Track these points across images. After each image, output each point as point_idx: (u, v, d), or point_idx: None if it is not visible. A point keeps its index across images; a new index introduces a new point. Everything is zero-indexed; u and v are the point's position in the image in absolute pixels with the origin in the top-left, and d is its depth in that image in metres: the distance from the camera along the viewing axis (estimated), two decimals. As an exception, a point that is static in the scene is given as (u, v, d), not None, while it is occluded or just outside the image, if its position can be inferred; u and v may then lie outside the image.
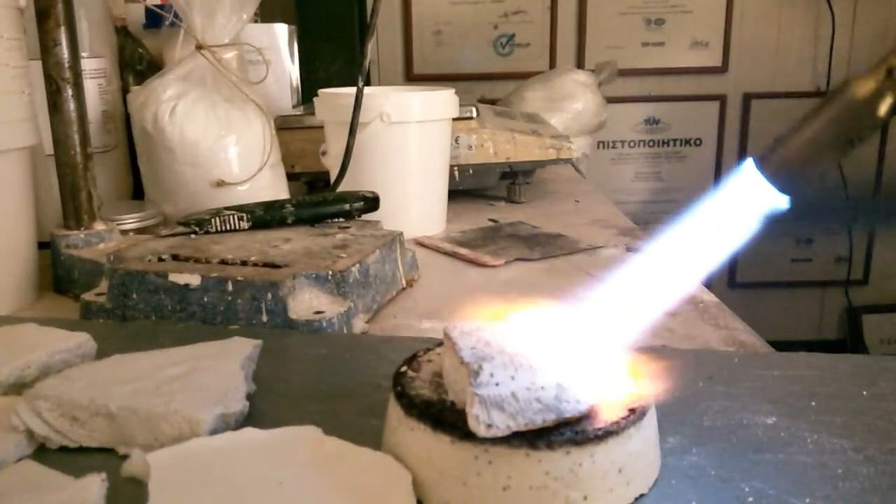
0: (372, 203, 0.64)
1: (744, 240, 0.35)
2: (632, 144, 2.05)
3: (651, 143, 2.05)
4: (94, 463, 0.31)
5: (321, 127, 0.81)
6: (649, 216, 2.04)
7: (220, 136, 0.71)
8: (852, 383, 0.38)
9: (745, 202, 0.35)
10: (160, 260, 0.52)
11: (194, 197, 0.72)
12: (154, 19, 0.95)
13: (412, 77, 1.97)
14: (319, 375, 0.40)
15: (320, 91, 0.79)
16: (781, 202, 0.34)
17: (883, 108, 0.31)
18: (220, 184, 0.72)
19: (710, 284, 0.61)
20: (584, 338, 0.30)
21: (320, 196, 0.64)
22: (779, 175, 0.34)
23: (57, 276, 0.60)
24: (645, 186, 2.06)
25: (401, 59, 1.98)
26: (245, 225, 0.59)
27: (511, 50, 1.98)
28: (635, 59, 1.96)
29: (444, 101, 0.76)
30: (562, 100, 1.38)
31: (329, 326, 0.47)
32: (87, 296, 0.52)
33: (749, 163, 0.35)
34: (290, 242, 0.56)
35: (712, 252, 0.35)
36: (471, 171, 0.90)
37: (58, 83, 0.56)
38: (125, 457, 0.30)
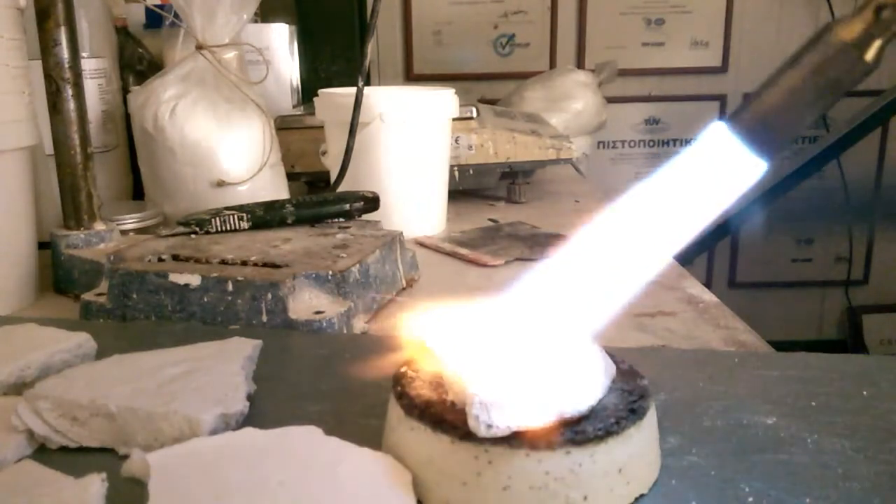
0: (372, 203, 0.64)
1: (717, 212, 0.31)
2: (632, 144, 2.05)
3: (651, 143, 2.05)
4: (94, 463, 0.31)
5: (321, 127, 0.81)
6: (649, 216, 2.04)
7: (221, 136, 0.71)
8: (852, 383, 0.38)
9: (716, 169, 0.31)
10: (160, 260, 0.52)
11: (194, 197, 0.72)
12: (154, 19, 0.95)
13: (412, 77, 1.97)
14: (319, 375, 0.40)
15: (320, 91, 0.79)
16: (758, 166, 0.30)
17: (871, 53, 0.28)
18: (220, 184, 0.72)
19: (710, 284, 0.60)
20: (576, 336, 0.30)
21: (320, 196, 0.64)
22: (755, 134, 0.30)
23: (57, 276, 0.60)
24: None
25: (401, 59, 1.98)
26: (245, 225, 0.59)
27: (511, 50, 1.98)
28: (635, 59, 1.96)
29: (444, 101, 0.76)
30: (562, 100, 1.38)
31: (329, 326, 0.47)
32: (88, 296, 0.52)
33: (719, 125, 0.31)
34: (290, 242, 0.56)
35: (680, 228, 0.31)
36: (471, 171, 0.90)
37: (58, 83, 0.56)
38: (125, 457, 0.30)
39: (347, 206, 0.62)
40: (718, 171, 0.31)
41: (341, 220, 0.62)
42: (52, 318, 0.51)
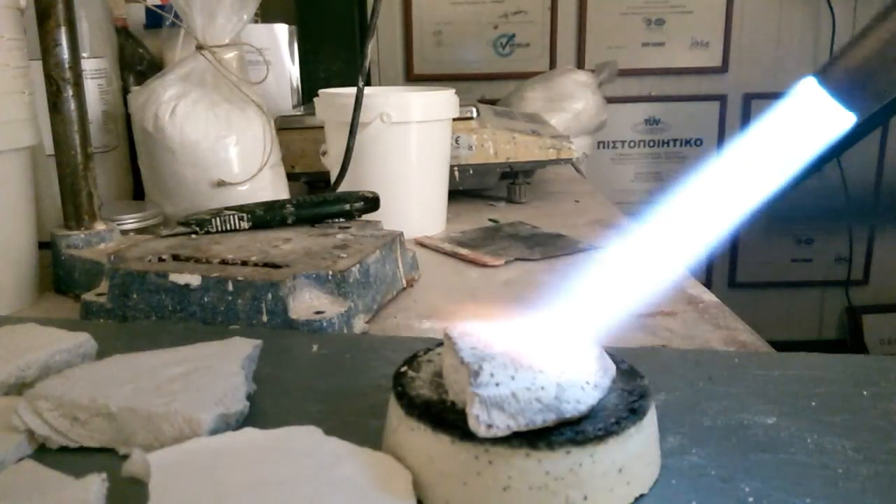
0: (372, 203, 0.64)
1: (804, 168, 0.30)
2: (632, 144, 2.05)
3: (651, 143, 2.05)
4: (94, 463, 0.31)
5: (321, 127, 0.81)
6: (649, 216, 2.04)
7: (221, 136, 0.71)
8: (852, 383, 0.38)
9: (805, 124, 0.30)
10: (160, 260, 0.52)
11: (194, 197, 0.72)
12: (154, 19, 0.95)
13: (412, 77, 1.97)
14: (319, 375, 0.41)
15: (320, 91, 0.79)
16: (847, 121, 0.29)
17: None
18: (221, 184, 0.72)
19: (710, 284, 0.60)
20: (577, 336, 0.30)
21: (320, 196, 0.64)
22: (845, 87, 0.29)
23: (57, 276, 0.60)
24: (645, 186, 2.06)
25: (401, 59, 1.98)
26: (245, 225, 0.59)
27: (511, 50, 1.98)
28: (635, 59, 1.96)
29: (444, 101, 0.76)
30: (562, 100, 1.38)
31: (329, 326, 0.47)
32: (88, 296, 0.52)
33: (808, 80, 0.29)
34: (291, 242, 0.56)
35: (764, 188, 0.30)
36: (471, 171, 0.90)
37: (58, 83, 0.56)
38: (125, 457, 0.30)
39: (347, 207, 0.62)
40: (808, 124, 0.30)
41: (341, 220, 0.62)
42: (53, 318, 0.51)
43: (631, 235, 0.32)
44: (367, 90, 0.71)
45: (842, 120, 0.30)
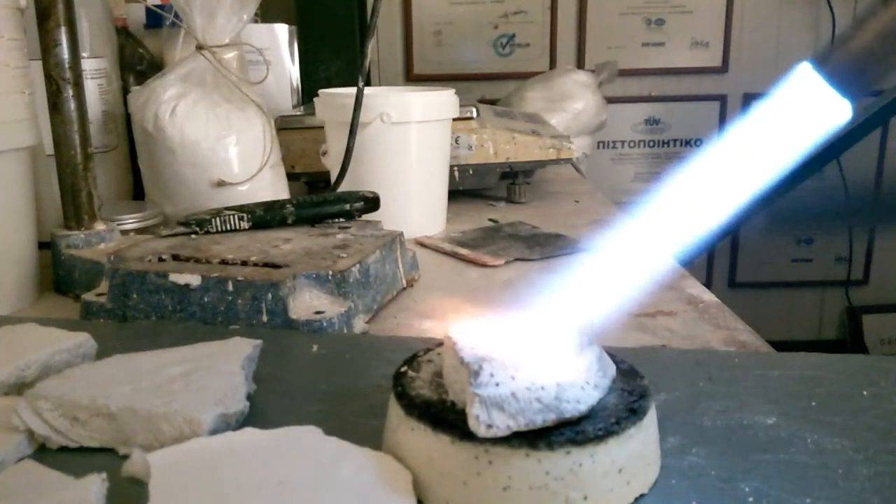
0: (372, 203, 0.64)
1: (805, 164, 0.30)
2: (632, 144, 2.05)
3: (651, 144, 2.05)
4: (94, 463, 0.31)
5: (321, 127, 0.81)
6: (649, 216, 2.04)
7: (221, 136, 0.71)
8: (852, 383, 0.38)
9: (801, 111, 0.30)
10: (160, 260, 0.52)
11: (194, 197, 0.72)
12: (155, 19, 0.95)
13: (412, 77, 1.97)
14: (319, 375, 0.41)
15: (320, 91, 0.79)
16: (843, 109, 0.29)
17: None
18: (221, 184, 0.72)
19: (710, 284, 0.60)
20: (577, 336, 0.30)
21: (320, 196, 0.64)
22: (842, 75, 0.29)
23: (57, 276, 0.60)
24: (645, 186, 2.06)
25: (401, 59, 1.98)
26: (245, 225, 0.59)
27: (511, 50, 1.98)
28: (635, 59, 1.96)
29: (444, 101, 0.76)
30: (562, 100, 1.38)
31: (329, 326, 0.47)
32: (88, 296, 0.52)
33: (805, 66, 0.30)
34: (291, 242, 0.56)
35: (762, 178, 0.30)
36: (471, 171, 0.90)
37: (58, 83, 0.56)
38: (125, 457, 0.30)
39: (347, 207, 0.62)
40: (803, 111, 0.29)
41: (341, 220, 0.62)
42: (53, 318, 0.51)
43: (630, 235, 0.32)
44: (367, 90, 0.71)
45: (837, 107, 0.30)
